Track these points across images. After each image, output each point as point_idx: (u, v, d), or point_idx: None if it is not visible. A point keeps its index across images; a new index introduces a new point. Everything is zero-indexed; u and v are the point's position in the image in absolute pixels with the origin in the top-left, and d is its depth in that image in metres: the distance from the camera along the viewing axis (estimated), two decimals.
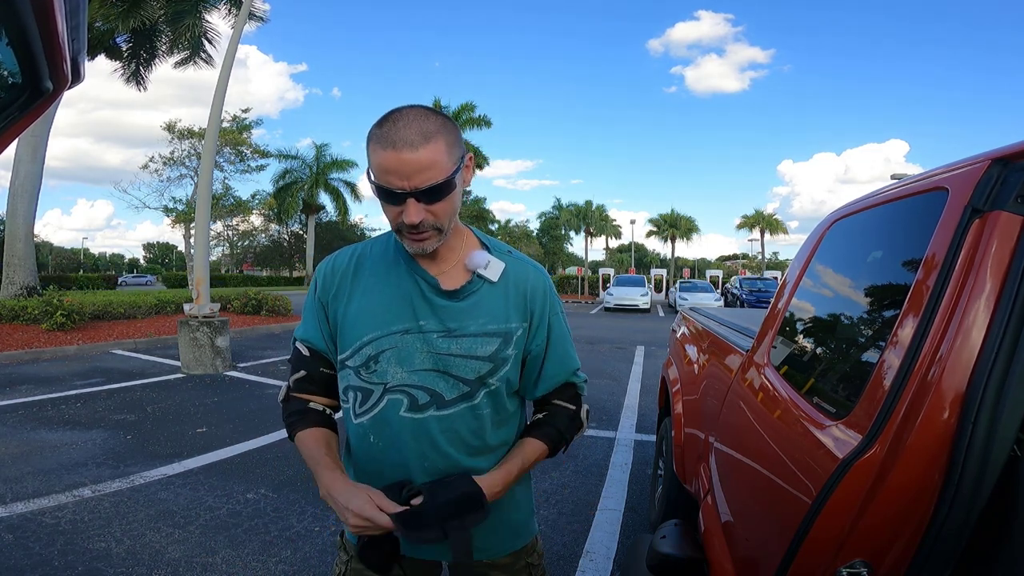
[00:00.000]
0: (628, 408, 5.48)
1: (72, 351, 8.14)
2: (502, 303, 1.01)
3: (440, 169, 0.86)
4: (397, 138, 0.85)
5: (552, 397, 1.09)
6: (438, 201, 0.89)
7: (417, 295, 0.99)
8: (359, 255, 1.05)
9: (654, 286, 31.33)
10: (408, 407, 0.98)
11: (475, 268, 1.00)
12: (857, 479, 0.79)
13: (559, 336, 1.07)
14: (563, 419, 1.08)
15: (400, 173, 0.85)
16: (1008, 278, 0.77)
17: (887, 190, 1.25)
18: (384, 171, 0.86)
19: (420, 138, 0.85)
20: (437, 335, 0.97)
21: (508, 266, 1.03)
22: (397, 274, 1.00)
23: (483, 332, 0.98)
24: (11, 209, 12.14)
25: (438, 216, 0.90)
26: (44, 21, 0.36)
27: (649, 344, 10.59)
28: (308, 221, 34.06)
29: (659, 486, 2.83)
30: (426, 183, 0.86)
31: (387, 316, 0.98)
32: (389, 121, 0.87)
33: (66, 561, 2.44)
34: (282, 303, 12.70)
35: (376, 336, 0.98)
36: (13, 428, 4.43)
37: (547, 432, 1.07)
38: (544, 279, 1.07)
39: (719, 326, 2.54)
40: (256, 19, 14.22)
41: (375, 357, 0.98)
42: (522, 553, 1.12)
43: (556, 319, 1.07)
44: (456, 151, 0.90)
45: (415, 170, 0.85)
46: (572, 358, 1.10)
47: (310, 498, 3.16)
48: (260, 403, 5.38)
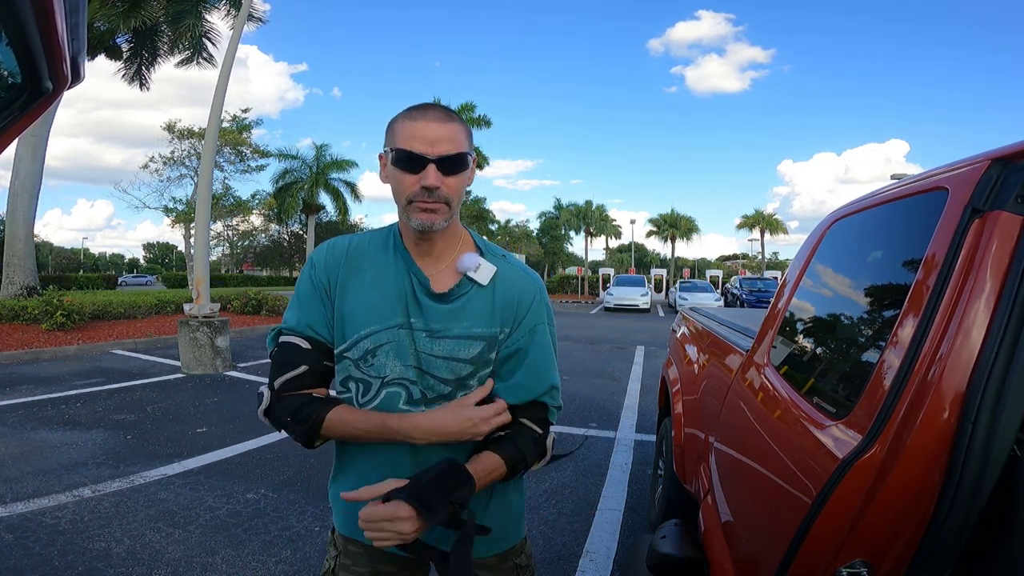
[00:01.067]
0: (628, 408, 5.48)
1: (72, 351, 8.14)
2: (489, 306, 1.00)
3: (460, 143, 0.94)
4: (427, 113, 0.94)
5: (519, 413, 1.02)
6: (454, 174, 0.94)
7: (409, 293, 1.00)
8: (357, 245, 1.05)
9: (654, 286, 31.33)
10: (406, 400, 0.99)
11: (464, 270, 1.01)
12: (857, 479, 0.79)
13: (541, 347, 1.03)
14: (526, 440, 1.01)
15: (426, 139, 0.91)
16: (1008, 278, 0.77)
17: (887, 190, 1.25)
18: (411, 136, 0.92)
19: (445, 116, 0.94)
20: (424, 334, 0.99)
21: (500, 270, 1.02)
22: (395, 269, 1.01)
23: (467, 335, 0.99)
24: (11, 209, 12.14)
25: (451, 189, 0.94)
26: (44, 21, 0.36)
27: (649, 344, 10.58)
28: (308, 221, 33.99)
29: (659, 486, 2.83)
30: (448, 152, 0.92)
31: (385, 310, 0.99)
32: (416, 107, 0.96)
33: (66, 561, 2.43)
34: (282, 303, 12.70)
35: (375, 330, 0.99)
36: (13, 428, 4.43)
37: (507, 449, 0.98)
38: (536, 286, 1.05)
39: (719, 326, 2.54)
40: (255, 20, 14.23)
41: (373, 351, 0.99)
42: (510, 554, 1.11)
43: (541, 328, 1.04)
44: (470, 143, 0.98)
45: (440, 138, 0.92)
46: (549, 375, 1.04)
47: (310, 498, 3.16)
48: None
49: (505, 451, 0.98)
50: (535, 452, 1.02)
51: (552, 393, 1.04)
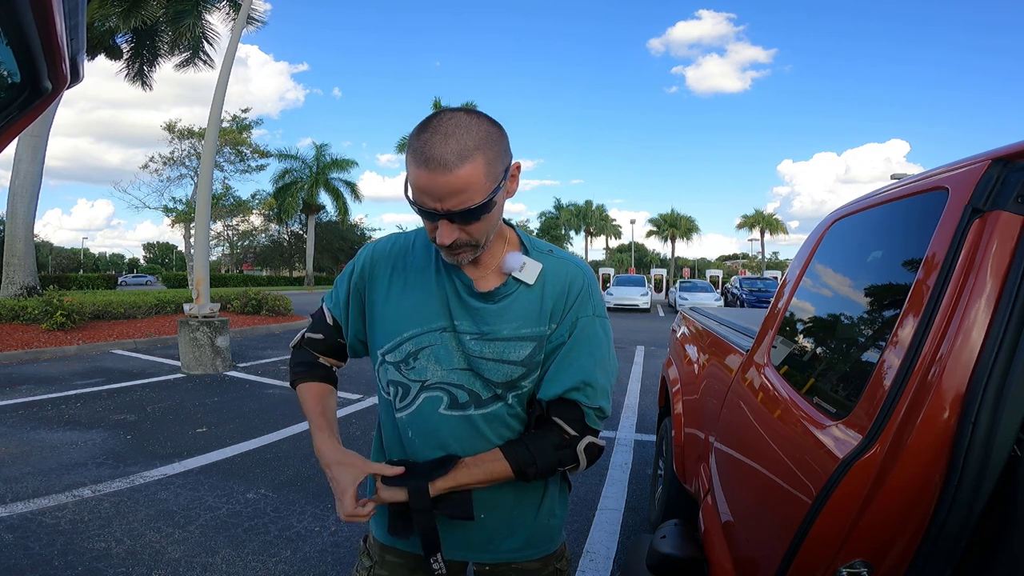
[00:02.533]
0: (628, 408, 5.48)
1: (72, 351, 8.13)
2: (538, 306, 0.96)
3: (476, 191, 0.81)
4: (431, 155, 0.79)
5: (552, 411, 0.96)
6: (473, 223, 0.85)
7: (452, 294, 0.97)
8: (402, 246, 1.04)
9: (654, 286, 31.33)
10: (448, 405, 0.97)
11: (509, 271, 0.96)
12: (857, 479, 0.79)
13: (585, 339, 0.97)
14: (544, 442, 0.95)
15: (433, 194, 0.81)
16: (1008, 278, 0.77)
17: (887, 190, 1.24)
18: (418, 189, 0.82)
19: (456, 158, 0.79)
20: (470, 337, 0.95)
21: (546, 266, 0.98)
22: (437, 271, 0.99)
23: (516, 336, 0.95)
24: (11, 209, 12.14)
25: (472, 235, 0.87)
26: (43, 21, 0.36)
27: (649, 344, 10.59)
28: (308, 221, 34.06)
29: (659, 486, 2.83)
30: (459, 207, 0.81)
31: (428, 313, 0.97)
32: (428, 131, 0.81)
33: (66, 561, 2.43)
34: (282, 303, 12.70)
35: (417, 332, 0.97)
36: (13, 428, 4.43)
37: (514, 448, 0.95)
38: (583, 275, 1.00)
39: (719, 326, 2.54)
40: (255, 21, 14.22)
41: (415, 354, 0.97)
42: (551, 558, 1.10)
43: (585, 321, 0.97)
44: (498, 166, 0.84)
45: (448, 192, 0.80)
46: (585, 370, 0.95)
47: (310, 498, 3.16)
48: (260, 403, 5.38)
49: (511, 451, 0.95)
50: (554, 456, 0.95)
51: (586, 391, 0.94)
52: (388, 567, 1.06)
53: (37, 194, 12.32)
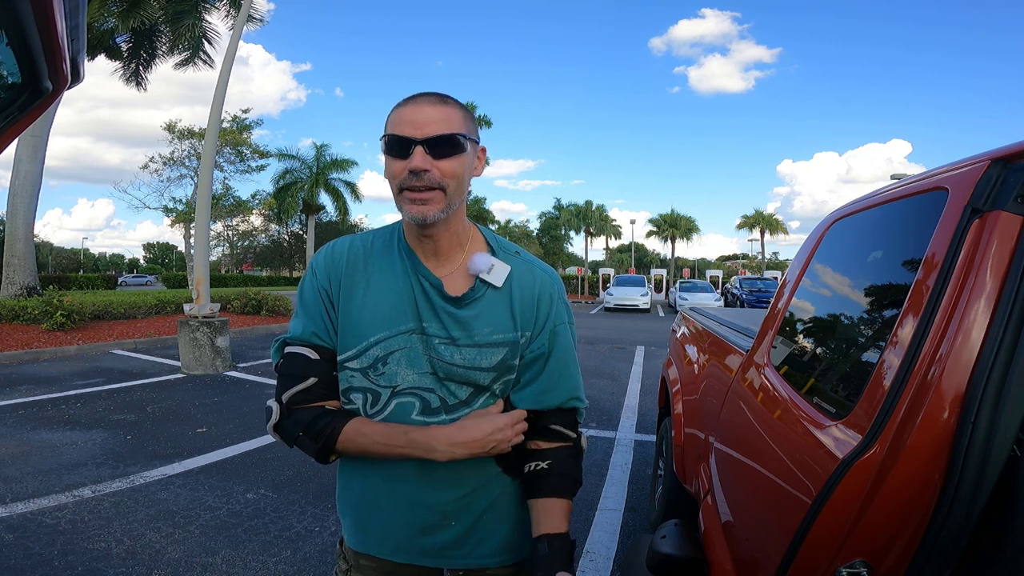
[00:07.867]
0: (628, 408, 5.48)
1: (72, 351, 8.13)
2: (508, 311, 0.95)
3: (454, 124, 0.88)
4: (419, 97, 0.90)
5: (549, 420, 1.00)
6: (446, 157, 0.87)
7: (420, 295, 0.94)
8: (360, 247, 0.99)
9: (654, 286, 31.35)
10: (420, 410, 0.94)
11: (477, 272, 0.95)
12: (857, 479, 0.79)
13: (563, 349, 1.00)
14: (569, 462, 1.00)
15: (414, 123, 0.87)
16: (1008, 278, 0.77)
17: (887, 190, 1.24)
18: (399, 122, 0.88)
19: (438, 99, 0.90)
20: (440, 341, 0.93)
21: (514, 269, 0.97)
22: (402, 271, 0.96)
23: (488, 343, 0.94)
24: (11, 209, 12.14)
25: (444, 173, 0.87)
26: (43, 21, 0.36)
27: (649, 344, 10.58)
28: (308, 221, 33.99)
29: (659, 486, 2.83)
30: (438, 132, 0.87)
31: (395, 315, 0.94)
32: (412, 95, 0.92)
33: (66, 561, 2.43)
34: (282, 303, 12.70)
35: (384, 336, 0.93)
36: (13, 428, 4.43)
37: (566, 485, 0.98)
38: (553, 283, 1.01)
39: (719, 326, 2.54)
40: (255, 21, 14.23)
41: (383, 359, 0.93)
42: (526, 563, 1.06)
43: (563, 329, 1.00)
44: (472, 128, 0.92)
45: (429, 120, 0.87)
46: (574, 376, 1.01)
47: (310, 498, 3.16)
48: (260, 403, 5.38)
49: (565, 488, 0.98)
50: (577, 464, 1.01)
51: (578, 395, 1.02)
52: (363, 571, 1.05)
53: (37, 194, 12.32)
